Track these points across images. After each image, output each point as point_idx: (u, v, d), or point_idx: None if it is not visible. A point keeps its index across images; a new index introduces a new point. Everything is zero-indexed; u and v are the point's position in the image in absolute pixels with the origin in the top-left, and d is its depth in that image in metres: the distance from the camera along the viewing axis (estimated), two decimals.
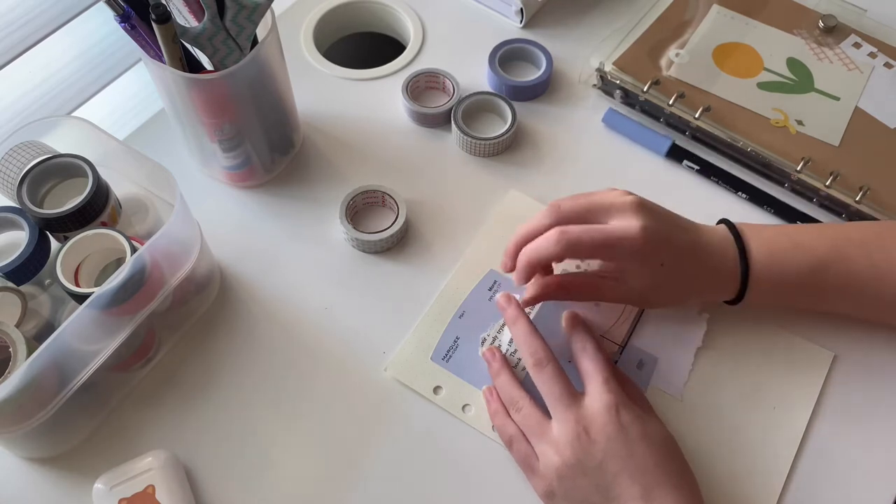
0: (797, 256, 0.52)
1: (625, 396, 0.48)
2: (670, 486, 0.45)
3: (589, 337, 0.52)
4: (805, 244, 0.52)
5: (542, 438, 0.48)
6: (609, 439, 0.46)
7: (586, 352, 0.51)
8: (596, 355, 0.50)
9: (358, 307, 0.58)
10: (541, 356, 0.50)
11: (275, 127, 0.61)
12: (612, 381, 0.48)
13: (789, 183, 0.62)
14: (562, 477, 0.47)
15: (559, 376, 0.49)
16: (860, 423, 0.53)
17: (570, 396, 0.48)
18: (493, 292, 0.58)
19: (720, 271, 0.52)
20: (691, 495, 0.46)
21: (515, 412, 0.50)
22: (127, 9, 0.50)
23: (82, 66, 0.67)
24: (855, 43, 0.69)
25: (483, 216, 0.62)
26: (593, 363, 0.50)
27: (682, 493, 0.45)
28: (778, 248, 0.52)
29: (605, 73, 0.67)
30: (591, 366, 0.50)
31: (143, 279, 0.48)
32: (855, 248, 0.52)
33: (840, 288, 0.52)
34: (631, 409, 0.47)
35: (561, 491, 0.47)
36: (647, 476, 0.45)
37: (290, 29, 0.72)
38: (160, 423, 0.53)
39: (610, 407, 0.47)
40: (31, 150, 0.53)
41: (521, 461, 0.50)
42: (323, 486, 0.51)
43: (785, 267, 0.52)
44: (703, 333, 0.56)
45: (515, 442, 0.50)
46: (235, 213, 0.62)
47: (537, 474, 0.48)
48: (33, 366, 0.43)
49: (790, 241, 0.52)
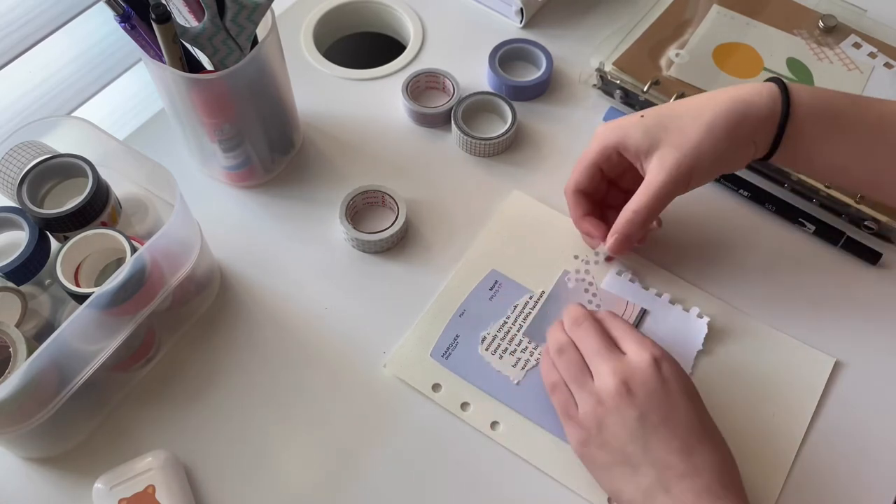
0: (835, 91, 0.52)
1: (664, 350, 0.48)
2: (710, 442, 0.46)
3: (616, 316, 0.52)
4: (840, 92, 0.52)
5: (583, 387, 0.48)
6: (650, 392, 0.46)
7: (615, 320, 0.51)
8: (627, 323, 0.50)
9: (358, 307, 0.58)
10: (579, 315, 0.51)
11: (275, 127, 0.61)
12: (649, 339, 0.49)
13: (789, 183, 0.62)
14: (598, 426, 0.47)
15: (597, 330, 0.49)
16: (861, 430, 0.53)
17: (608, 349, 0.48)
18: (493, 292, 0.58)
19: None
20: (727, 454, 0.46)
21: (559, 356, 0.50)
22: (127, 9, 0.50)
23: (82, 66, 0.67)
24: (855, 43, 0.69)
25: (483, 216, 0.62)
26: (624, 326, 0.50)
27: (718, 449, 0.46)
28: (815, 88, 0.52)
29: (605, 73, 0.67)
30: (623, 327, 0.50)
31: (143, 279, 0.48)
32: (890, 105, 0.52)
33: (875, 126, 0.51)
34: (673, 363, 0.48)
35: (597, 440, 0.47)
36: (687, 431, 0.45)
37: (290, 29, 0.72)
38: (160, 423, 0.53)
39: (652, 360, 0.47)
40: (31, 150, 0.53)
41: (560, 407, 0.50)
42: (322, 485, 0.51)
43: (825, 92, 0.52)
44: (704, 337, 0.56)
45: (558, 389, 0.50)
46: (235, 213, 0.62)
47: (574, 421, 0.48)
48: (33, 366, 0.43)
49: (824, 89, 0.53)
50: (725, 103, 0.51)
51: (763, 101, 0.50)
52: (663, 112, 0.53)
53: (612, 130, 0.54)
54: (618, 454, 0.46)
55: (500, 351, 0.55)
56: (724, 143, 0.51)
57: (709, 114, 0.50)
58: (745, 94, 0.51)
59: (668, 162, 0.51)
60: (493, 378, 0.54)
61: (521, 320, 0.57)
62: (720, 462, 0.45)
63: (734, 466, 0.46)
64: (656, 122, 0.52)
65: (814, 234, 0.61)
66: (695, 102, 0.52)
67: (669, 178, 0.51)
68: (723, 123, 0.50)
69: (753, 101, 0.50)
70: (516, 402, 0.53)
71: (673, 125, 0.51)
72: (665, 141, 0.51)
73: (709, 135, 0.50)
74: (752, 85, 0.52)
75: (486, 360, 0.55)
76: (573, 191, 0.57)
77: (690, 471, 0.44)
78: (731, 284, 0.59)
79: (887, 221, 0.59)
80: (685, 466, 0.44)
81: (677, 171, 0.51)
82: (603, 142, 0.54)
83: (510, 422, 0.53)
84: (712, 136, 0.50)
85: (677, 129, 0.51)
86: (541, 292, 0.58)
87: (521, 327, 0.56)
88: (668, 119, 0.52)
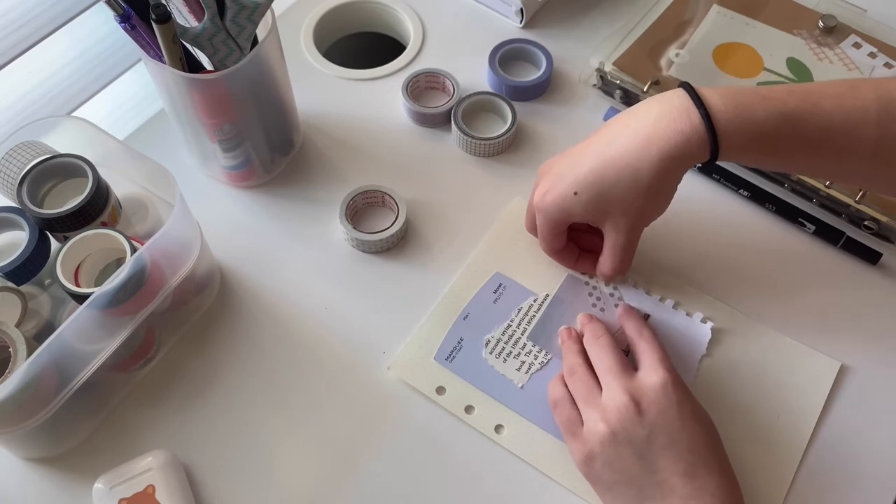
0: (766, 106, 0.48)
1: (678, 376, 0.48)
2: (714, 468, 0.46)
3: (646, 324, 0.53)
4: (773, 100, 0.49)
5: (590, 404, 0.49)
6: (660, 413, 0.46)
7: (643, 335, 0.51)
8: (653, 338, 0.51)
9: (358, 307, 0.58)
10: (597, 329, 0.52)
11: (275, 127, 0.61)
12: (668, 361, 0.49)
13: (789, 183, 0.62)
14: (604, 444, 0.47)
15: (613, 347, 0.50)
16: (866, 434, 0.53)
17: (621, 367, 0.49)
18: (497, 295, 0.58)
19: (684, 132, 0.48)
20: (732, 480, 0.46)
21: (570, 376, 0.51)
22: (127, 9, 0.50)
23: (82, 66, 0.67)
24: (855, 43, 0.69)
25: (483, 216, 0.62)
26: (650, 343, 0.50)
27: (725, 476, 0.46)
28: (743, 99, 0.49)
29: (605, 73, 0.67)
30: (647, 345, 0.50)
31: (143, 279, 0.48)
32: (828, 101, 0.49)
33: (816, 142, 0.49)
34: (684, 388, 0.48)
35: (602, 457, 0.47)
36: (693, 455, 0.45)
37: (290, 29, 0.72)
38: (160, 423, 0.53)
39: (666, 382, 0.47)
40: (31, 150, 0.53)
41: (562, 424, 0.50)
42: (323, 486, 0.51)
43: (755, 118, 0.48)
44: (708, 342, 0.56)
45: (560, 404, 0.50)
46: (235, 213, 0.62)
47: (578, 438, 0.48)
48: (33, 366, 0.43)
49: (756, 94, 0.49)
50: (657, 163, 0.48)
51: (692, 149, 0.48)
52: (594, 182, 0.50)
53: (554, 208, 0.52)
54: (623, 473, 0.46)
55: (503, 354, 0.55)
56: (667, 195, 0.52)
57: (645, 178, 0.49)
58: (676, 148, 0.48)
59: (621, 225, 0.52)
60: (498, 382, 0.54)
61: (526, 323, 0.57)
62: (725, 489, 0.45)
63: (738, 494, 0.46)
64: (595, 198, 0.50)
65: (814, 234, 0.61)
66: (623, 160, 0.49)
67: (628, 236, 0.52)
68: (659, 184, 0.49)
69: (684, 154, 0.48)
70: (521, 405, 0.53)
71: (612, 195, 0.50)
72: (610, 211, 0.51)
73: (651, 195, 0.50)
74: (676, 127, 0.48)
75: (490, 363, 0.55)
76: (554, 252, 0.57)
77: (694, 494, 0.44)
78: (731, 286, 0.59)
79: (887, 221, 0.59)
80: (689, 490, 0.45)
81: (633, 230, 0.52)
82: (553, 218, 0.53)
83: (515, 425, 0.53)
84: (654, 194, 0.50)
85: (618, 199, 0.50)
86: (545, 295, 0.58)
87: (525, 330, 0.56)
88: (604, 190, 0.50)
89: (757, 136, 0.48)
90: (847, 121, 0.48)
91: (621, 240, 0.52)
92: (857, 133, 0.48)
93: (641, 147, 0.49)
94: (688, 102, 0.48)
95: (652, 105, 0.50)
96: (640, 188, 0.49)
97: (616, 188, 0.50)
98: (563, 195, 0.52)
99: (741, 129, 0.48)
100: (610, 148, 0.50)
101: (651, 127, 0.49)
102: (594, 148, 0.51)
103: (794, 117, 0.48)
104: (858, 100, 0.49)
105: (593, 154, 0.51)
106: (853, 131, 0.48)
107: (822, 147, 0.49)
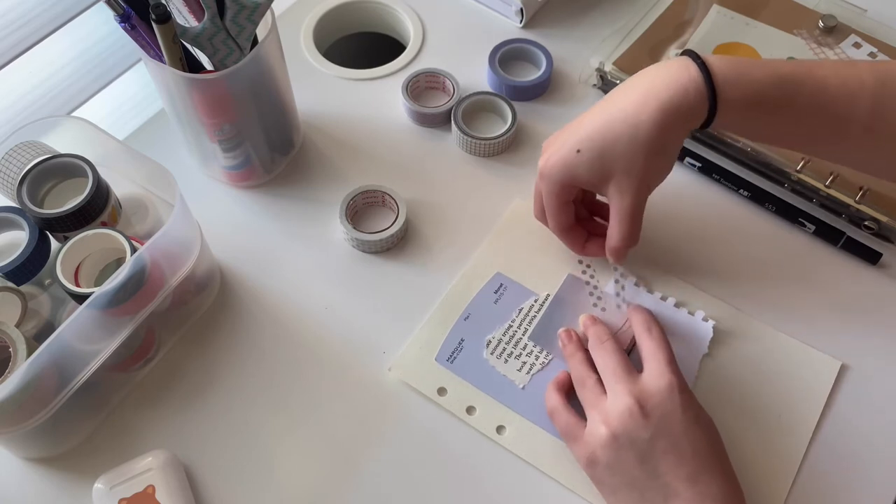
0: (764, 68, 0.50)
1: (684, 380, 0.48)
2: (717, 472, 0.46)
3: (655, 321, 0.52)
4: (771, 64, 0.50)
5: (594, 408, 0.49)
6: (663, 417, 0.46)
7: (651, 333, 0.51)
8: (662, 337, 0.51)
9: (358, 307, 0.58)
10: (602, 334, 0.52)
11: (275, 127, 0.61)
12: (675, 364, 0.49)
13: (789, 183, 0.62)
14: (604, 446, 0.47)
15: (617, 351, 0.50)
16: (866, 433, 0.53)
17: (625, 370, 0.49)
18: (498, 295, 0.58)
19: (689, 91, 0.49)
20: (734, 485, 0.46)
21: (580, 387, 0.51)
22: (127, 9, 0.50)
23: (82, 66, 0.67)
24: (855, 43, 0.69)
25: (483, 216, 0.62)
26: (657, 344, 0.50)
27: (727, 480, 0.46)
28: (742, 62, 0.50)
29: (605, 73, 0.67)
30: (655, 346, 0.50)
31: (143, 279, 0.48)
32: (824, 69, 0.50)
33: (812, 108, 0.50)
34: (689, 393, 0.48)
35: (604, 460, 0.47)
36: (696, 459, 0.45)
37: (290, 29, 0.72)
38: (160, 423, 0.53)
39: (671, 386, 0.47)
40: (31, 150, 0.53)
41: (563, 431, 0.50)
42: (323, 487, 0.51)
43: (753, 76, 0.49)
44: (709, 341, 0.56)
45: (557, 412, 0.51)
46: (235, 213, 0.62)
47: (580, 442, 0.49)
48: (33, 366, 0.43)
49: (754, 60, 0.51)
50: (656, 115, 0.49)
51: (690, 102, 0.49)
52: (596, 140, 0.51)
53: (558, 170, 0.52)
54: (625, 476, 0.46)
55: (504, 355, 0.55)
56: (668, 155, 0.51)
57: (644, 133, 0.49)
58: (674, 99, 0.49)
59: (625, 187, 0.51)
60: (499, 382, 0.54)
61: (527, 324, 0.57)
62: (728, 493, 0.45)
63: (741, 499, 0.46)
64: (597, 156, 0.51)
65: (814, 234, 0.61)
66: (622, 116, 0.50)
67: (633, 199, 0.52)
68: (659, 139, 0.49)
69: (682, 106, 0.49)
70: (522, 406, 0.53)
71: (614, 153, 0.50)
72: (613, 170, 0.51)
73: (652, 154, 0.50)
74: (674, 79, 0.49)
75: (491, 364, 0.55)
76: (561, 231, 0.56)
77: (696, 499, 0.44)
78: (732, 285, 0.59)
79: (887, 221, 0.59)
80: (691, 494, 0.45)
81: (638, 192, 0.51)
82: (558, 181, 0.53)
83: (516, 426, 0.53)
84: (655, 152, 0.50)
85: (620, 156, 0.50)
86: (546, 295, 0.58)
87: (526, 331, 0.56)
88: (606, 148, 0.50)
89: (754, 95, 0.49)
90: (842, 87, 0.49)
91: (626, 203, 0.51)
92: (852, 101, 0.49)
93: (640, 101, 0.49)
94: (687, 61, 0.49)
95: (651, 67, 0.52)
96: (640, 143, 0.49)
97: (617, 145, 0.50)
98: (567, 155, 0.52)
99: (738, 84, 0.49)
100: (611, 108, 0.51)
101: (650, 82, 0.50)
102: (595, 111, 0.52)
103: (791, 80, 0.49)
104: (854, 71, 0.50)
105: (594, 116, 0.52)
106: (848, 99, 0.49)
107: (818, 112, 0.50)
